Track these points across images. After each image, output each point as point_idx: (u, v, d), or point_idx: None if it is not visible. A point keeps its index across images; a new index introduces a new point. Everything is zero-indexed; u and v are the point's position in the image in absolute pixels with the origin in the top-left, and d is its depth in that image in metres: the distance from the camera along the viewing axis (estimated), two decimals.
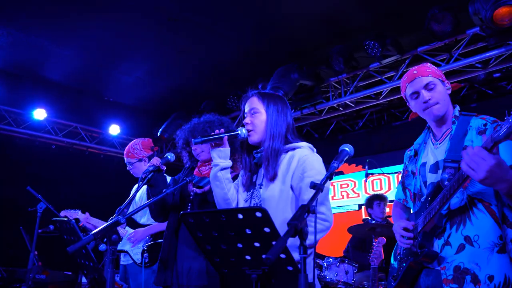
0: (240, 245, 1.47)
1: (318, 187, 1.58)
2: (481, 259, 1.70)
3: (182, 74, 6.13)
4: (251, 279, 1.53)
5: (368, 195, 6.18)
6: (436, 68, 2.07)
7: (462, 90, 6.07)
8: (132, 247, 3.51)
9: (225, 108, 6.33)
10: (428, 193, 1.94)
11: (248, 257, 1.51)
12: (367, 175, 4.88)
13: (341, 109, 6.03)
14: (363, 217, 6.57)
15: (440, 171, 1.91)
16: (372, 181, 6.58)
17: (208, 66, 5.87)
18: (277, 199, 1.96)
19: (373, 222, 5.02)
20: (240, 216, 1.36)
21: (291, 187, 1.99)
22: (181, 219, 1.50)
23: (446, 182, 1.79)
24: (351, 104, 5.90)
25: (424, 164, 2.03)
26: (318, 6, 4.58)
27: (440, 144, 2.00)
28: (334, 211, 6.87)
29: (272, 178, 2.02)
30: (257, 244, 1.44)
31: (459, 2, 4.26)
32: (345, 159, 1.79)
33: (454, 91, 6.08)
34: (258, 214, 1.32)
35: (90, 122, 7.44)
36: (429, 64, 2.10)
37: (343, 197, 6.97)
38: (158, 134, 6.96)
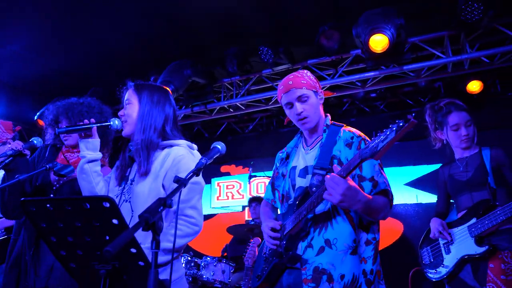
0: (88, 238, 1.37)
1: (181, 182, 1.55)
2: (337, 260, 1.83)
3: (69, 56, 5.61)
4: (100, 274, 1.44)
5: (251, 197, 6.37)
6: (311, 77, 2.12)
7: (344, 105, 6.59)
8: None
9: (114, 97, 5.97)
10: (296, 196, 2.03)
11: (97, 251, 1.41)
12: (250, 177, 5.03)
13: (232, 110, 6.11)
14: (246, 218, 6.74)
15: (308, 176, 2.02)
16: (257, 184, 6.77)
17: (99, 51, 5.47)
18: (146, 196, 1.87)
19: (253, 223, 5.16)
20: (87, 205, 1.26)
21: (163, 186, 1.91)
22: (22, 208, 1.35)
23: (314, 188, 1.89)
24: (241, 107, 6.01)
25: (294, 168, 2.12)
26: (218, 6, 4.58)
27: (310, 150, 2.10)
28: (218, 211, 6.98)
29: (144, 174, 1.91)
30: (106, 237, 1.35)
31: (347, 24, 4.61)
32: (215, 156, 1.79)
33: (336, 105, 6.59)
34: (106, 204, 1.23)
35: None
36: (305, 72, 2.15)
37: (228, 198, 7.06)
38: (35, 118, 6.32)
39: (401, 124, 1.44)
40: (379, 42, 4.25)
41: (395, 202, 6.24)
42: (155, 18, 4.77)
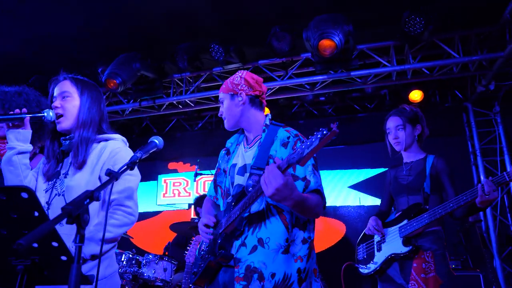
0: (4, 231, 1.29)
1: (113, 175, 1.53)
2: (268, 259, 1.85)
3: (8, 39, 5.28)
4: (17, 270, 1.36)
5: (198, 195, 6.31)
6: (233, 80, 2.17)
7: (294, 107, 6.70)
8: None
9: None
10: (234, 194, 2.04)
11: (15, 246, 1.33)
12: (196, 175, 4.99)
13: (181, 107, 6.03)
14: (192, 216, 6.67)
15: (246, 175, 2.03)
16: (204, 182, 6.72)
17: (44, 37, 5.18)
18: (83, 189, 1.83)
19: (197, 221, 5.11)
20: (3, 196, 1.19)
21: (99, 178, 1.93)
22: None
23: (250, 188, 1.91)
24: (190, 104, 5.95)
25: (234, 165, 2.14)
26: (172, 1, 4.50)
27: (250, 148, 2.13)
28: (164, 208, 6.85)
29: (80, 167, 1.92)
30: (25, 231, 1.28)
31: (299, 27, 4.68)
32: (151, 151, 1.79)
33: (286, 106, 6.64)
34: (24, 195, 1.17)
35: None
36: (235, 76, 2.19)
37: (174, 195, 6.94)
38: None
39: (324, 132, 1.48)
40: (327, 47, 4.35)
41: (339, 204, 6.36)
42: (106, 7, 4.60)
